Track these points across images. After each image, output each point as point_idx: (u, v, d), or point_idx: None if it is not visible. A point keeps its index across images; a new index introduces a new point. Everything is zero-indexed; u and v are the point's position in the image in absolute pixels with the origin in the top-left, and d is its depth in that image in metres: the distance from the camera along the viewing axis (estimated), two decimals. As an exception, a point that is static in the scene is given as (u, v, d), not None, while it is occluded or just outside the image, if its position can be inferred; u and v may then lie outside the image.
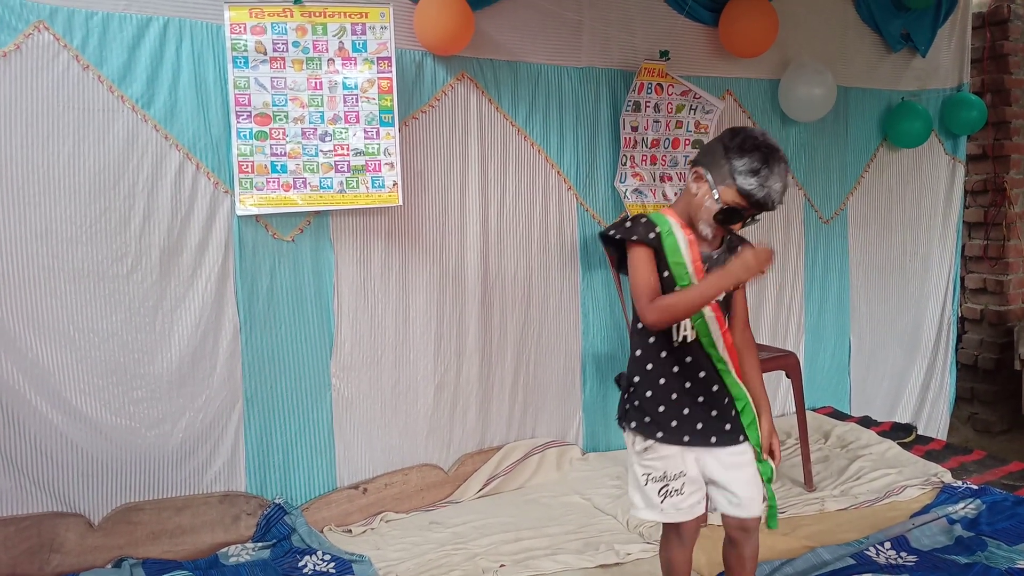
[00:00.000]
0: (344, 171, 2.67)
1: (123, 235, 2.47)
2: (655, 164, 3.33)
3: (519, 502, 2.95)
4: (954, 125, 4.03)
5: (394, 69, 2.67)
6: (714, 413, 1.86)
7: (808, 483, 2.96)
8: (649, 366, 1.86)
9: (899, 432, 3.48)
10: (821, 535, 2.56)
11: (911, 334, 4.14)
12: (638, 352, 1.88)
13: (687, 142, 3.37)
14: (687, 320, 1.82)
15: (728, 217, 1.77)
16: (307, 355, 2.77)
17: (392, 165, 2.70)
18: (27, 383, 2.39)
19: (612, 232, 1.85)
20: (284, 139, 2.61)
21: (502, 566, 2.46)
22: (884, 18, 3.77)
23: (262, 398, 2.72)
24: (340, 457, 2.85)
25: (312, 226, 2.74)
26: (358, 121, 2.67)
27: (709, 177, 1.77)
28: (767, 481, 1.90)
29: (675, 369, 1.85)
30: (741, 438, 1.88)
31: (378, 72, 2.67)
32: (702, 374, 1.86)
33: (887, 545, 2.47)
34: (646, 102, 3.23)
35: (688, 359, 1.85)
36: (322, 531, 2.73)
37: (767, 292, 3.73)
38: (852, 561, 2.38)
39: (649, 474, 1.86)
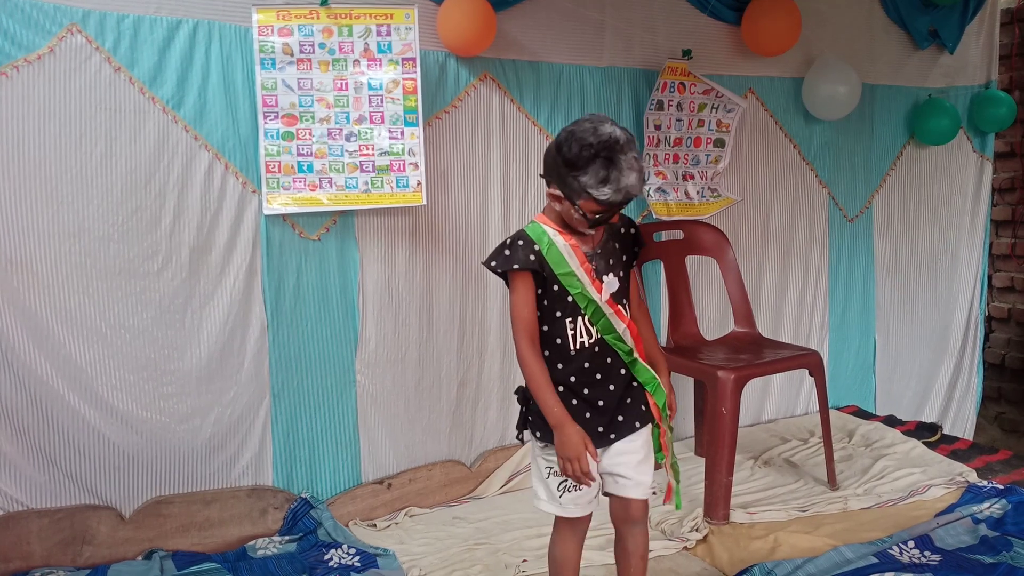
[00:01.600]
0: (369, 171, 2.70)
1: (154, 234, 2.52)
2: (677, 163, 3.33)
3: (541, 499, 2.97)
4: (982, 122, 3.99)
5: (418, 70, 2.70)
6: (618, 416, 1.86)
7: (831, 482, 2.96)
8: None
9: (924, 431, 3.46)
10: (844, 533, 2.55)
11: (939, 333, 4.11)
12: None
13: (709, 141, 3.38)
14: (587, 325, 1.82)
15: (602, 220, 1.76)
16: (333, 352, 2.80)
17: (416, 165, 2.73)
18: (60, 378, 2.44)
19: (493, 264, 1.80)
20: (310, 139, 2.65)
21: (524, 561, 2.48)
22: (911, 15, 3.74)
23: (289, 394, 2.76)
24: (365, 452, 2.88)
25: (338, 225, 2.77)
26: (383, 121, 2.70)
27: (564, 194, 1.74)
28: (660, 457, 1.92)
29: (572, 379, 1.84)
30: (637, 424, 1.89)
31: (403, 73, 2.70)
32: (599, 376, 1.85)
33: (911, 544, 2.46)
34: (669, 101, 3.24)
35: (586, 364, 1.84)
36: (347, 525, 2.76)
37: (789, 291, 3.73)
38: (875, 560, 2.36)
39: (551, 468, 1.87)
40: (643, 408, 1.90)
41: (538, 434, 1.88)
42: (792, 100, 3.60)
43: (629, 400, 1.88)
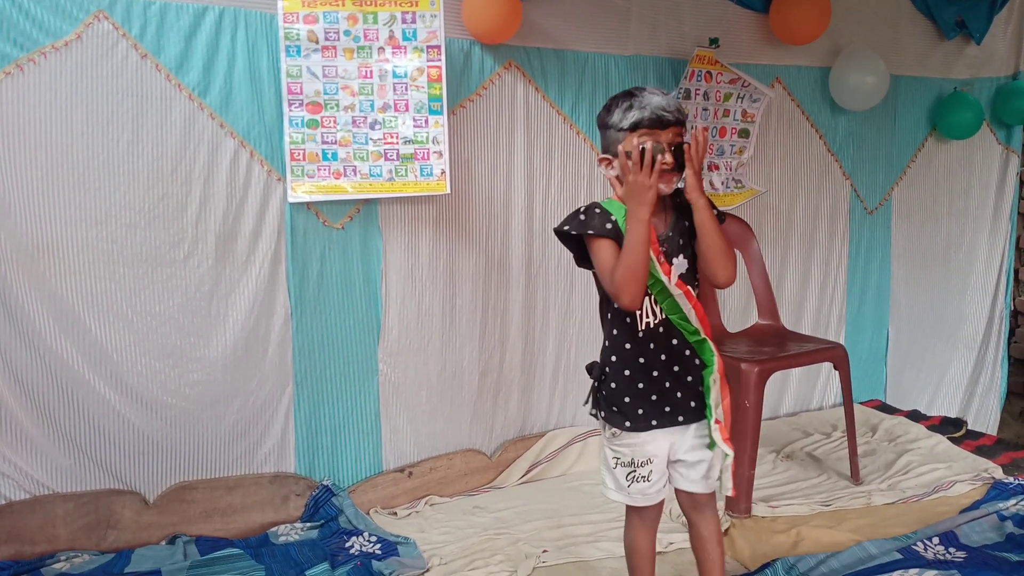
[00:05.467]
0: (393, 159, 2.70)
1: (180, 221, 2.53)
2: (702, 153, 3.30)
3: (561, 489, 2.97)
4: (1006, 115, 3.94)
5: (443, 57, 2.69)
6: (679, 394, 1.85)
7: (855, 476, 2.94)
8: (614, 358, 1.85)
9: (948, 427, 3.43)
10: (868, 529, 2.54)
11: (955, 327, 4.07)
12: (606, 343, 1.87)
13: (734, 131, 3.34)
14: (652, 306, 1.80)
15: (650, 153, 1.69)
16: (355, 340, 2.81)
17: (440, 153, 2.72)
18: (87, 364, 2.46)
19: (567, 228, 1.79)
20: (335, 127, 2.64)
21: (545, 551, 2.48)
22: (938, 5, 3.69)
23: (311, 382, 2.76)
24: (386, 441, 2.89)
25: (361, 214, 2.77)
26: (407, 109, 2.69)
27: (611, 152, 1.79)
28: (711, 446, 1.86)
29: (640, 360, 1.83)
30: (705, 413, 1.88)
31: (427, 61, 2.69)
32: (664, 357, 1.83)
33: (935, 540, 2.44)
34: (696, 90, 3.20)
35: (652, 345, 1.82)
36: (368, 513, 2.77)
37: (811, 282, 3.70)
38: (899, 555, 2.35)
39: (618, 459, 1.88)
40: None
41: (603, 414, 1.88)
42: (819, 90, 3.56)
43: (701, 387, 1.85)
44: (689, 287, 1.82)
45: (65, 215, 2.39)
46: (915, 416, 3.56)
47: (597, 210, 1.79)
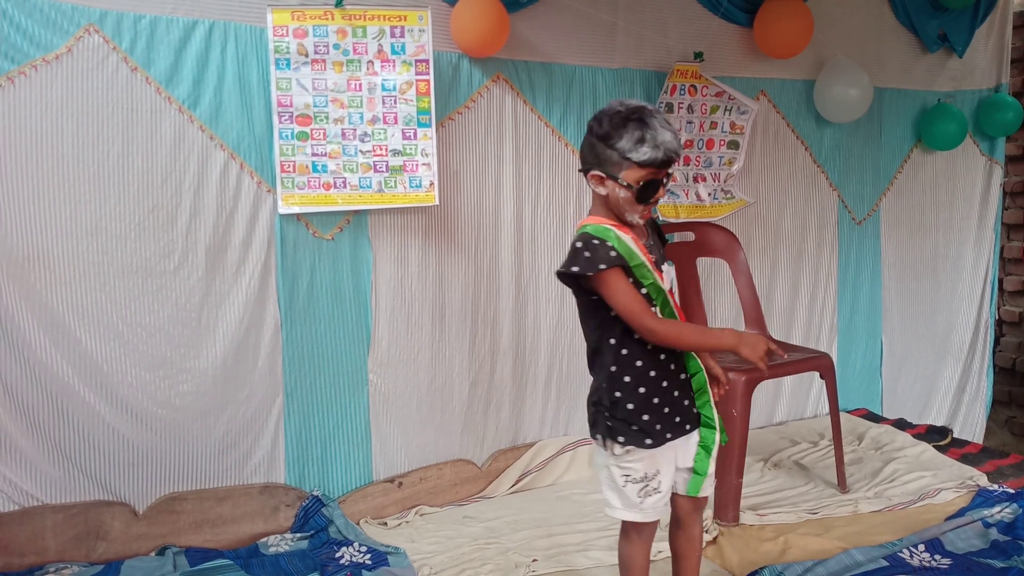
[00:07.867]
0: (382, 171, 2.72)
1: (170, 232, 2.54)
2: (688, 165, 3.34)
3: (551, 498, 2.98)
4: (989, 127, 3.99)
5: (432, 71, 2.72)
6: (686, 402, 1.90)
7: (842, 484, 2.96)
8: (627, 378, 1.82)
9: (934, 435, 3.45)
10: (854, 536, 2.55)
11: (945, 336, 4.10)
12: (613, 368, 1.83)
13: (722, 143, 3.38)
14: (659, 316, 1.83)
15: (648, 191, 1.74)
16: (345, 351, 2.82)
17: (429, 165, 2.75)
18: (76, 375, 2.47)
19: (576, 269, 1.75)
20: (324, 139, 2.66)
21: (535, 560, 2.49)
22: (920, 18, 3.74)
23: (302, 392, 2.77)
24: (376, 451, 2.90)
25: (351, 225, 2.79)
26: (396, 122, 2.72)
27: (606, 172, 1.75)
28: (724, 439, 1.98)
29: (652, 374, 1.83)
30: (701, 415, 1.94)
31: (416, 74, 2.72)
32: (672, 367, 1.86)
33: (921, 547, 2.46)
34: (679, 103, 3.24)
35: (662, 356, 1.84)
36: (358, 523, 2.77)
37: (801, 293, 3.73)
38: (885, 563, 2.36)
39: (628, 475, 1.86)
40: (702, 400, 1.94)
41: (621, 439, 1.83)
42: (804, 102, 3.60)
43: (693, 392, 1.92)
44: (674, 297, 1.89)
45: (55, 226, 2.41)
46: (901, 424, 3.59)
47: (595, 241, 1.76)
